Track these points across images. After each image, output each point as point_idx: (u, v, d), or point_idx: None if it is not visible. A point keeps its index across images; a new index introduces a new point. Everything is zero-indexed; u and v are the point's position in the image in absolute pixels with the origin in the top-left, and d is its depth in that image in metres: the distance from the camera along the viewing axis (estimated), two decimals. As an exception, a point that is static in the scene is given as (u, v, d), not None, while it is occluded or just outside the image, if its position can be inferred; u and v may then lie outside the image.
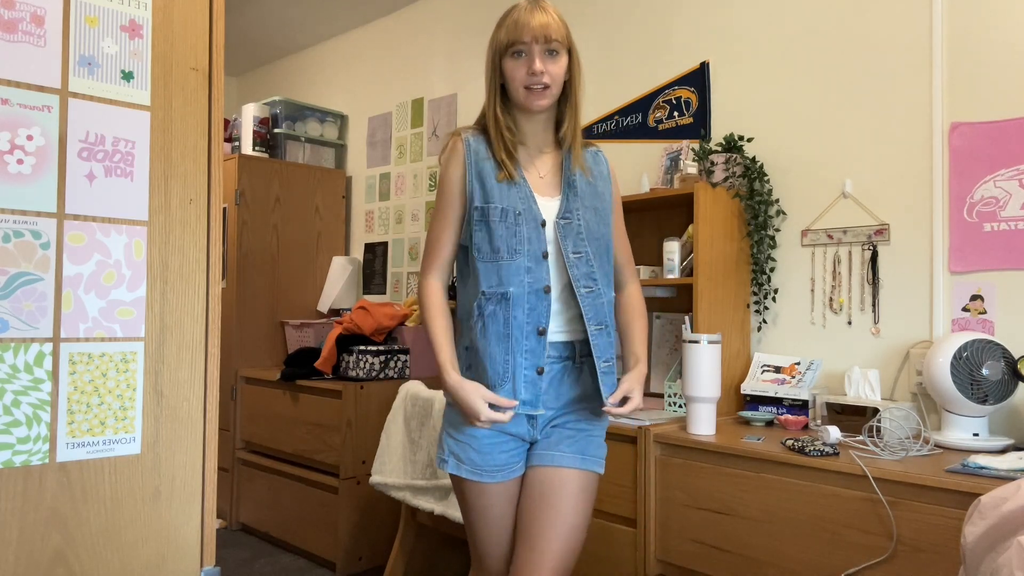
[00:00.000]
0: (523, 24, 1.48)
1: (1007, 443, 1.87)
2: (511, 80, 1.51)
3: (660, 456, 2.07)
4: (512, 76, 1.51)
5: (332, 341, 3.18)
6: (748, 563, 1.86)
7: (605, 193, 1.62)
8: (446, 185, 1.57)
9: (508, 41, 1.49)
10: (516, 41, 1.48)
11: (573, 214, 1.54)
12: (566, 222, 1.53)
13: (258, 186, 3.77)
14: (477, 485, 1.53)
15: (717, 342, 2.07)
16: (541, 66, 1.48)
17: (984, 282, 2.07)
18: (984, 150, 2.08)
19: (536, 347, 1.50)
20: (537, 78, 1.48)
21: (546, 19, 1.48)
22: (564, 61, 1.52)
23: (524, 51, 1.49)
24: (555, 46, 1.49)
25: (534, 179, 1.57)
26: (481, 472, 1.51)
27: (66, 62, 1.16)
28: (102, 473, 1.17)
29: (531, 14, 1.48)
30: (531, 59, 1.48)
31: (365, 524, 3.04)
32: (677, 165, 2.63)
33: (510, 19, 1.50)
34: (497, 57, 1.53)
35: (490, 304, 1.50)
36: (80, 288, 1.16)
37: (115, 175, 1.20)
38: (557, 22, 1.49)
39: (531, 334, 1.50)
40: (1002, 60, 2.06)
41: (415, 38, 3.92)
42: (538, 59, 1.48)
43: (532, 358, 1.50)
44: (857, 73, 2.34)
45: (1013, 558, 1.09)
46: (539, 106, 1.51)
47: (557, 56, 1.50)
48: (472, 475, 1.52)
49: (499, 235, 1.50)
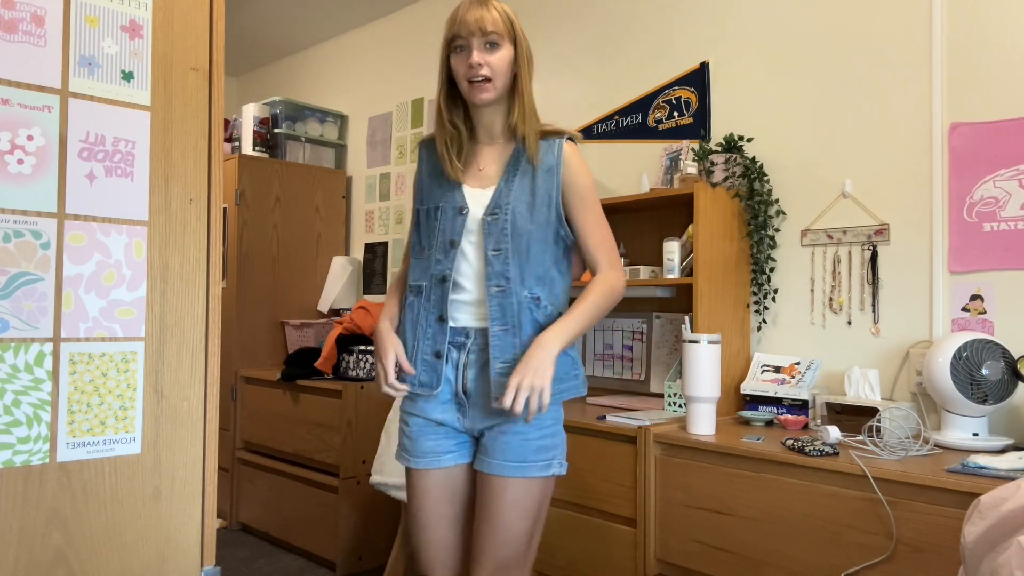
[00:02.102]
0: (461, 19, 1.51)
1: (1007, 443, 1.87)
2: (456, 75, 1.54)
3: (660, 456, 2.07)
4: (456, 70, 1.54)
5: (332, 341, 3.18)
6: (748, 563, 1.86)
7: (546, 185, 1.55)
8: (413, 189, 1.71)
9: (449, 36, 1.53)
10: (456, 36, 1.52)
11: (501, 209, 1.53)
12: (492, 218, 1.53)
13: (258, 186, 3.77)
14: (409, 472, 1.59)
15: (717, 342, 2.07)
16: (479, 58, 1.49)
17: (984, 282, 2.07)
18: (984, 150, 2.08)
19: (437, 333, 1.55)
20: (475, 70, 1.49)
21: (482, 13, 1.50)
22: (506, 53, 1.52)
23: (463, 45, 1.52)
24: (493, 38, 1.51)
25: (472, 171, 1.59)
26: (410, 457, 1.57)
27: (66, 62, 1.16)
28: (102, 473, 1.17)
29: (468, 10, 1.51)
30: (469, 52, 1.51)
31: (365, 524, 3.04)
32: (677, 165, 2.63)
33: (452, 15, 1.54)
34: (443, 52, 1.57)
35: (410, 295, 1.61)
36: (80, 288, 1.16)
37: (115, 175, 1.20)
38: (494, 15, 1.51)
39: (432, 321, 1.56)
40: (1002, 60, 2.06)
41: (415, 38, 3.92)
42: (476, 52, 1.50)
43: (432, 343, 1.56)
44: (857, 73, 2.34)
45: (1013, 558, 1.09)
46: (482, 99, 1.52)
47: (497, 48, 1.51)
48: (403, 460, 1.59)
49: (424, 234, 1.60)
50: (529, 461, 1.50)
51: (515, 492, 1.50)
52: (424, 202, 1.62)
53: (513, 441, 1.50)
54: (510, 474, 1.49)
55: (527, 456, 1.50)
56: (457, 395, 1.55)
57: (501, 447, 1.50)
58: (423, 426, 1.57)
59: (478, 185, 1.57)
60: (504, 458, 1.50)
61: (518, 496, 1.50)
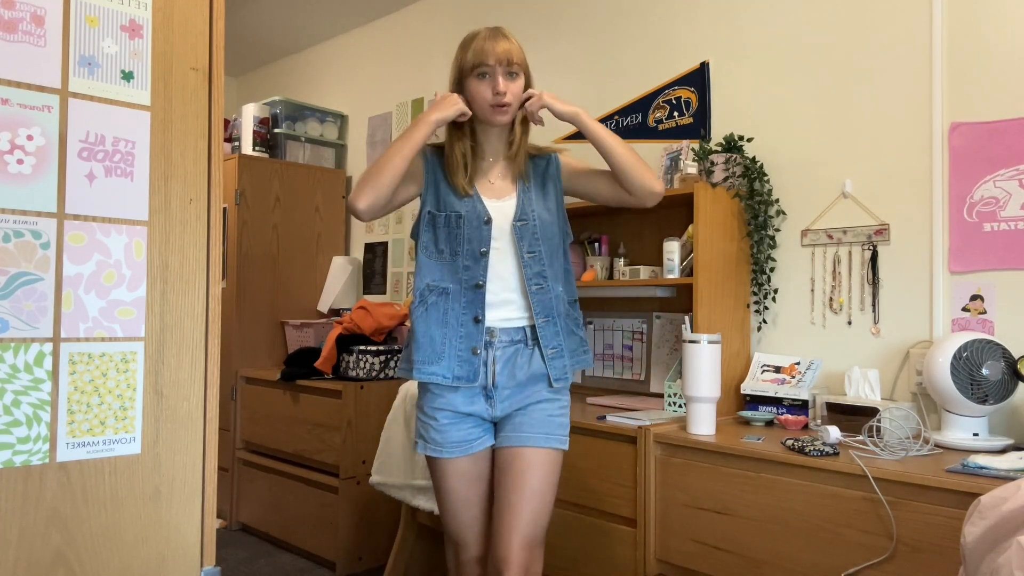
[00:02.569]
0: (488, 50, 1.67)
1: (1007, 443, 1.87)
2: (475, 98, 1.70)
3: (660, 456, 2.07)
4: (476, 94, 1.70)
5: (332, 341, 3.18)
6: (748, 563, 1.86)
7: (554, 192, 1.82)
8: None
9: (474, 63, 1.68)
10: (482, 63, 1.68)
11: (529, 216, 1.74)
12: (522, 223, 1.74)
13: (258, 186, 3.77)
14: (438, 462, 1.73)
15: (717, 342, 2.07)
16: (504, 86, 1.67)
17: (984, 282, 2.07)
18: (984, 150, 2.08)
19: (472, 332, 1.71)
20: (500, 97, 1.67)
21: (508, 45, 1.68)
22: (521, 82, 1.72)
23: (488, 73, 1.68)
24: (515, 68, 1.70)
25: (484, 185, 1.77)
26: (441, 449, 1.71)
27: (66, 62, 1.16)
28: (102, 473, 1.17)
29: (495, 41, 1.68)
30: (495, 80, 1.68)
31: (365, 524, 3.04)
32: (677, 165, 2.63)
33: (476, 44, 1.69)
34: (461, 76, 1.72)
35: (432, 295, 1.73)
36: (80, 288, 1.16)
37: (115, 175, 1.20)
38: (517, 48, 1.70)
39: (467, 322, 1.72)
40: (1002, 60, 2.06)
41: (415, 38, 3.92)
42: (501, 80, 1.67)
43: (467, 341, 1.71)
44: (857, 73, 2.34)
45: (1013, 558, 1.09)
46: (501, 121, 1.72)
47: (516, 77, 1.71)
48: (434, 452, 1.72)
49: (443, 238, 1.73)
50: (554, 434, 1.72)
51: (543, 457, 1.70)
52: (441, 208, 1.74)
53: (539, 416, 1.72)
54: (541, 444, 1.70)
55: (552, 429, 1.72)
56: (486, 388, 1.72)
57: (530, 422, 1.71)
58: (453, 418, 1.72)
59: (494, 196, 1.76)
60: (534, 431, 1.70)
61: (546, 465, 1.70)
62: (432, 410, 1.73)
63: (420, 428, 1.76)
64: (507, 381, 1.72)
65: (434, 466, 1.75)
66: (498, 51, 1.67)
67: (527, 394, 1.73)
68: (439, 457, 1.72)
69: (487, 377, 1.72)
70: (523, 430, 1.71)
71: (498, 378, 1.72)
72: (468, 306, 1.72)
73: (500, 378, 1.72)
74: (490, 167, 1.80)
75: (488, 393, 1.72)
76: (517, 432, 1.71)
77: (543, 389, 1.74)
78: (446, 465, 1.73)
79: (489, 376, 1.72)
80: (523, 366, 1.73)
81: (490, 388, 1.72)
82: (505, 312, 1.73)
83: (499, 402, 1.73)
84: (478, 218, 1.72)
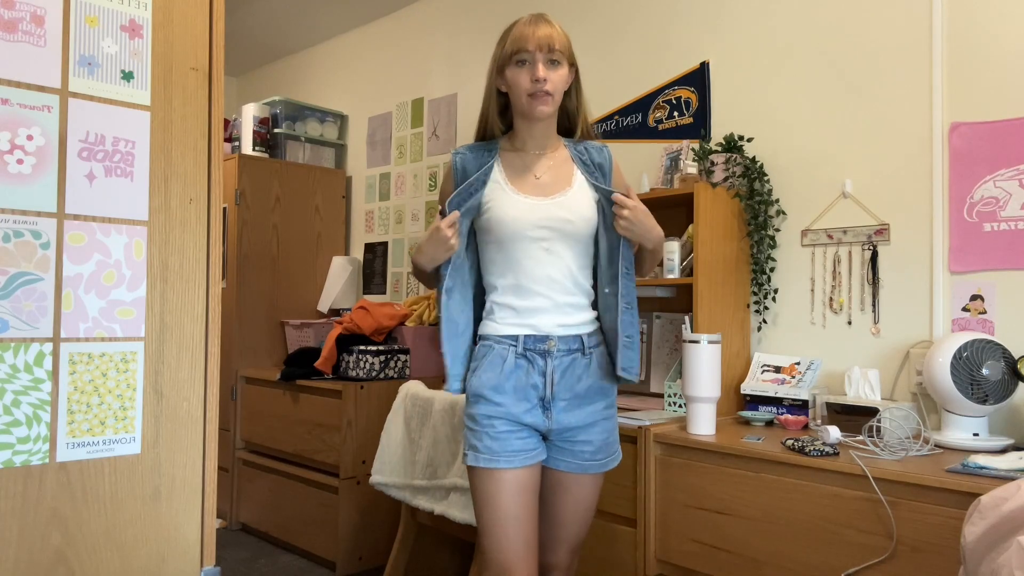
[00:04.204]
0: (527, 35, 1.55)
1: (1007, 443, 1.87)
2: (514, 87, 1.58)
3: (660, 456, 2.07)
4: (516, 83, 1.57)
5: (332, 341, 3.18)
6: (748, 563, 1.86)
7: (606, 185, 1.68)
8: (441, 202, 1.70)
9: (513, 50, 1.56)
10: (521, 50, 1.55)
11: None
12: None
13: (258, 186, 3.77)
14: (490, 473, 1.57)
15: (717, 342, 2.07)
16: (544, 73, 1.54)
17: (984, 282, 2.07)
18: (984, 150, 2.08)
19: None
20: (540, 84, 1.54)
21: (550, 31, 1.56)
22: (565, 72, 1.60)
23: (528, 59, 1.56)
24: (557, 56, 1.57)
25: (529, 181, 1.63)
26: (498, 458, 1.56)
27: (66, 62, 1.16)
28: (102, 473, 1.17)
29: (536, 26, 1.56)
30: (534, 67, 1.55)
31: (365, 524, 3.04)
32: (677, 165, 2.63)
33: (516, 30, 1.58)
34: (500, 66, 1.60)
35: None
36: (80, 288, 1.16)
37: (115, 175, 1.20)
38: (560, 34, 1.57)
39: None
40: (1002, 60, 2.06)
41: (415, 38, 3.92)
42: (541, 67, 1.55)
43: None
44: (857, 73, 2.34)
45: (1013, 558, 1.09)
46: (541, 112, 1.58)
47: (559, 66, 1.58)
48: (489, 463, 1.56)
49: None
50: (612, 456, 1.68)
51: (601, 481, 1.69)
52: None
53: (599, 438, 1.65)
54: (602, 471, 1.66)
55: (611, 452, 1.68)
56: (544, 399, 1.61)
57: (592, 449, 1.65)
58: (510, 427, 1.59)
59: (540, 194, 1.62)
60: (596, 458, 1.65)
61: (600, 483, 1.70)
62: (485, 418, 1.59)
63: (472, 438, 1.61)
64: (565, 392, 1.62)
65: (485, 478, 1.58)
66: (539, 36, 1.55)
67: (587, 411, 1.63)
68: (495, 468, 1.57)
69: (546, 389, 1.61)
70: (586, 457, 1.64)
71: (556, 388, 1.61)
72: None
73: (558, 388, 1.61)
74: (535, 160, 1.66)
75: (545, 404, 1.61)
76: (579, 460, 1.64)
77: (600, 408, 1.65)
78: (501, 476, 1.57)
79: (548, 387, 1.61)
80: (581, 376, 1.63)
81: (548, 399, 1.61)
82: (562, 318, 1.62)
83: (556, 414, 1.61)
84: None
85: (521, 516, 1.57)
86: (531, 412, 1.60)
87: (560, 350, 1.61)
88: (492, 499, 1.57)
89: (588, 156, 1.69)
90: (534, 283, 1.61)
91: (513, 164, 1.65)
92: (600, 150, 1.71)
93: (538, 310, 1.61)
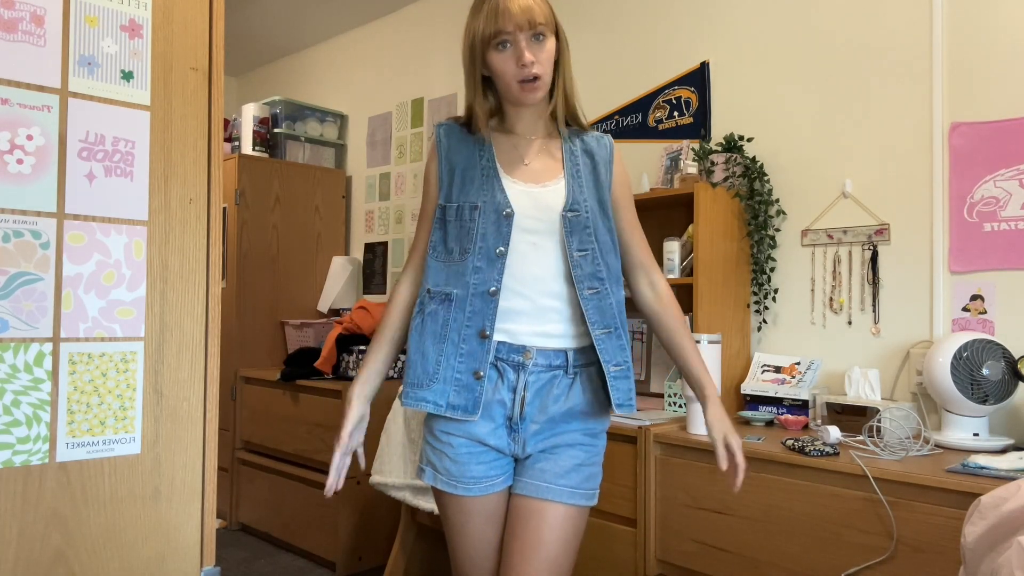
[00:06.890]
0: (504, 11, 1.33)
1: (1007, 443, 1.87)
2: (500, 75, 1.38)
3: (660, 456, 2.07)
4: (501, 70, 1.37)
5: (332, 341, 3.18)
6: (748, 563, 1.86)
7: (607, 182, 1.47)
8: (425, 181, 1.51)
9: (492, 32, 1.35)
10: (500, 31, 1.34)
11: (580, 205, 1.41)
12: (574, 215, 1.40)
13: (258, 186, 3.77)
14: (453, 498, 1.41)
15: (717, 342, 2.07)
16: (531, 56, 1.34)
17: (984, 282, 2.07)
18: (984, 150, 2.08)
19: (476, 350, 1.37)
20: (528, 70, 1.34)
21: (528, 2, 1.34)
22: (551, 44, 1.38)
23: (509, 41, 1.35)
24: (541, 29, 1.35)
25: (518, 167, 1.44)
26: (456, 484, 1.39)
27: (66, 62, 1.16)
28: (102, 473, 1.17)
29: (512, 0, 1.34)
30: (519, 50, 1.34)
31: (365, 524, 3.04)
32: (677, 165, 2.63)
33: (488, 6, 1.36)
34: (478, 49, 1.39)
35: (432, 303, 1.41)
36: (80, 288, 1.16)
37: (115, 175, 1.20)
38: (540, 4, 1.36)
39: (470, 337, 1.37)
40: (1002, 60, 2.06)
41: (415, 38, 3.92)
42: (526, 49, 1.34)
43: (469, 361, 1.37)
44: (857, 73, 2.34)
45: (1013, 558, 1.09)
46: (534, 99, 1.39)
47: (544, 40, 1.37)
48: (448, 487, 1.40)
49: (452, 235, 1.41)
50: (581, 488, 1.40)
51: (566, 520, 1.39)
52: (453, 198, 1.42)
53: (566, 463, 1.40)
54: (565, 500, 1.38)
55: (580, 482, 1.40)
56: (512, 419, 1.39)
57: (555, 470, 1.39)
58: (471, 449, 1.39)
59: (532, 181, 1.42)
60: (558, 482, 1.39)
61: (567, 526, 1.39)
62: (444, 435, 1.40)
63: (430, 455, 1.43)
64: (536, 414, 1.39)
65: (446, 502, 1.42)
66: (515, 11, 1.32)
67: (558, 433, 1.40)
68: (452, 493, 1.40)
69: (514, 407, 1.39)
70: (546, 479, 1.38)
71: (527, 408, 1.39)
72: (473, 317, 1.37)
73: (529, 409, 1.39)
74: (526, 145, 1.46)
75: (513, 426, 1.39)
76: (537, 480, 1.38)
77: (578, 430, 1.41)
78: (463, 504, 1.40)
79: (517, 405, 1.38)
80: (559, 398, 1.40)
81: (516, 420, 1.39)
82: (543, 326, 1.40)
83: (525, 438, 1.40)
84: (495, 212, 1.38)
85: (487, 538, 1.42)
86: (495, 433, 1.39)
87: (538, 365, 1.39)
88: (454, 522, 1.43)
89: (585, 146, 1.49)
90: (516, 282, 1.39)
91: (503, 146, 1.47)
92: (599, 139, 1.51)
93: (515, 313, 1.39)
